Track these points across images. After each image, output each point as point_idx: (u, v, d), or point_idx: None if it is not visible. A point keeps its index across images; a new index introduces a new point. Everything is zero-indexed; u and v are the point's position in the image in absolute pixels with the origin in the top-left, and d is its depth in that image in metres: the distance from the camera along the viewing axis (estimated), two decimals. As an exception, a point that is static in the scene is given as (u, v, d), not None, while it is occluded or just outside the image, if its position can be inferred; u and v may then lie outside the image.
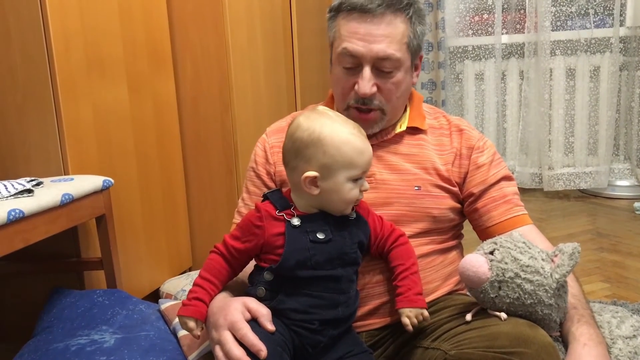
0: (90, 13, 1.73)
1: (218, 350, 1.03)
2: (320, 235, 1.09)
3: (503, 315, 1.08)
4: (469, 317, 1.11)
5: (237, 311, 1.04)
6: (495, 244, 1.12)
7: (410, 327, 1.11)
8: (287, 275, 1.07)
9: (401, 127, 1.33)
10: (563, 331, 1.15)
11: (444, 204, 1.29)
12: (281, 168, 1.33)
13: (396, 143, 1.32)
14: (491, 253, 1.11)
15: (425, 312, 1.13)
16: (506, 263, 1.08)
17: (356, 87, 1.25)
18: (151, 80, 2.06)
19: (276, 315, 1.06)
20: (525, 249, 1.10)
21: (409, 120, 1.34)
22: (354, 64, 1.25)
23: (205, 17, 2.20)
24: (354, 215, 1.15)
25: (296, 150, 1.09)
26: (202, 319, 1.07)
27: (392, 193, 1.26)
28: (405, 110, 1.36)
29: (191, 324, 1.06)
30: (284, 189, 1.18)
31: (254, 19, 2.42)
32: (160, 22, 2.13)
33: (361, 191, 1.11)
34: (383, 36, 1.23)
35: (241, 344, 1.00)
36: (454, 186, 1.30)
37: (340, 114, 1.13)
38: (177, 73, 2.24)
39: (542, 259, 1.10)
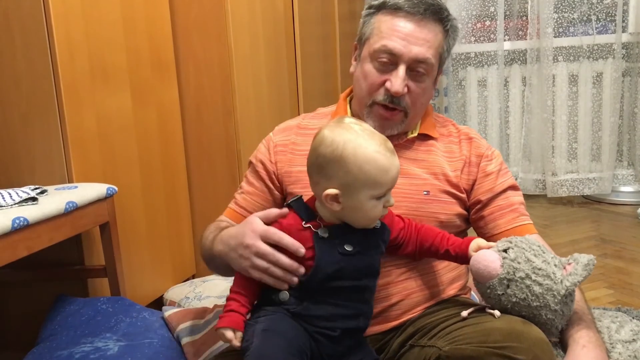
0: (94, 22, 1.74)
1: (260, 262, 1.06)
2: (348, 248, 1.08)
3: (497, 312, 1.09)
4: (464, 313, 1.12)
5: (258, 223, 1.08)
6: (510, 242, 1.12)
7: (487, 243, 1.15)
8: (315, 285, 1.06)
9: (413, 132, 1.34)
10: (563, 335, 1.15)
11: (452, 210, 1.30)
12: (285, 168, 1.35)
13: (407, 148, 1.33)
14: (505, 251, 1.11)
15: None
16: (519, 263, 1.08)
17: (388, 84, 1.26)
18: (155, 88, 2.07)
19: (299, 320, 1.06)
20: (540, 252, 1.11)
21: (420, 127, 1.35)
22: (390, 61, 1.26)
23: (209, 25, 2.21)
24: (379, 224, 1.14)
25: (319, 166, 1.07)
26: (239, 329, 1.05)
27: (400, 197, 1.25)
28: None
29: (229, 334, 1.04)
30: (305, 198, 1.15)
31: (256, 26, 2.43)
32: (164, 30, 2.14)
33: (385, 207, 1.09)
34: (424, 40, 1.25)
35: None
36: (462, 193, 1.31)
37: (367, 127, 1.09)
38: (181, 81, 2.25)
39: (555, 265, 1.10)
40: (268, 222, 1.10)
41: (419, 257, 1.24)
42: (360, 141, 1.04)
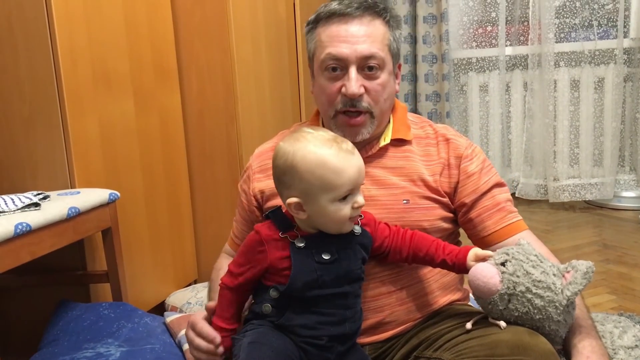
0: (96, 28, 1.75)
1: (190, 347, 1.17)
2: (325, 256, 1.07)
3: (502, 323, 1.08)
4: (469, 325, 1.11)
5: (196, 316, 1.19)
6: (508, 255, 1.10)
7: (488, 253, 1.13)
8: (295, 295, 1.06)
9: (385, 140, 1.31)
10: (565, 343, 1.14)
11: (434, 215, 1.27)
12: (260, 188, 1.35)
13: (381, 157, 1.30)
14: (502, 264, 1.09)
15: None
16: (518, 276, 1.06)
17: (343, 89, 1.24)
18: (157, 93, 2.07)
19: (285, 331, 1.06)
20: (538, 263, 1.09)
21: (392, 132, 1.32)
22: (339, 67, 1.24)
23: (211, 31, 2.22)
24: (359, 231, 1.14)
25: (277, 178, 1.10)
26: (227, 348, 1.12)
27: (381, 209, 1.24)
28: (388, 122, 1.34)
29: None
30: (285, 208, 1.15)
31: (258, 32, 2.44)
32: (166, 36, 2.15)
33: (354, 208, 1.06)
34: (365, 36, 1.24)
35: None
36: (443, 197, 1.28)
37: (321, 132, 1.09)
38: (183, 87, 2.26)
39: (554, 274, 1.08)
40: (209, 314, 1.17)
41: (412, 264, 1.22)
42: (310, 147, 1.05)
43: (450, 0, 3.61)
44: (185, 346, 1.59)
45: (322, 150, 1.04)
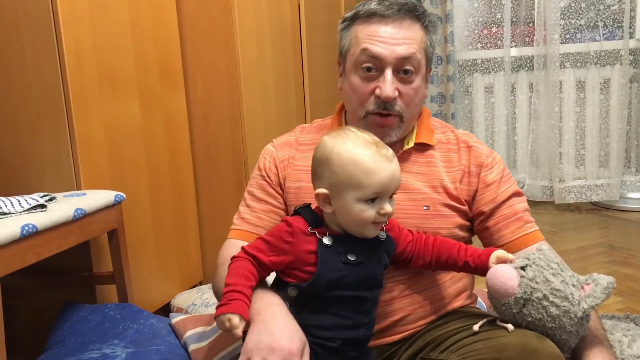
0: (102, 30, 1.76)
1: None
2: (351, 257, 1.07)
3: (510, 326, 1.07)
4: (476, 327, 1.10)
5: (298, 342, 0.98)
6: (529, 259, 1.09)
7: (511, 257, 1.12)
8: (315, 293, 1.05)
9: (409, 144, 1.31)
10: (576, 353, 1.13)
11: (452, 223, 1.27)
12: (290, 184, 1.33)
13: (404, 161, 1.29)
14: (523, 268, 1.08)
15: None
16: (537, 282, 1.05)
17: (377, 91, 1.22)
18: (162, 96, 2.08)
19: None
20: (558, 271, 1.07)
21: (416, 136, 1.32)
22: (375, 66, 1.23)
23: (216, 33, 2.22)
24: (384, 236, 1.13)
25: (313, 168, 1.10)
26: (246, 317, 0.98)
27: (400, 213, 1.23)
28: (413, 125, 1.34)
29: (235, 319, 0.96)
30: (314, 205, 1.13)
31: (263, 34, 2.45)
32: (171, 38, 2.15)
33: (380, 214, 1.05)
34: (404, 39, 1.23)
35: None
36: (463, 204, 1.28)
37: (365, 135, 1.08)
38: (188, 89, 2.26)
39: (573, 285, 1.07)
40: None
41: (435, 269, 1.22)
42: (349, 144, 1.05)
43: (455, 1, 3.61)
44: (191, 347, 1.60)
45: (360, 149, 1.04)
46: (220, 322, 0.98)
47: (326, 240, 1.07)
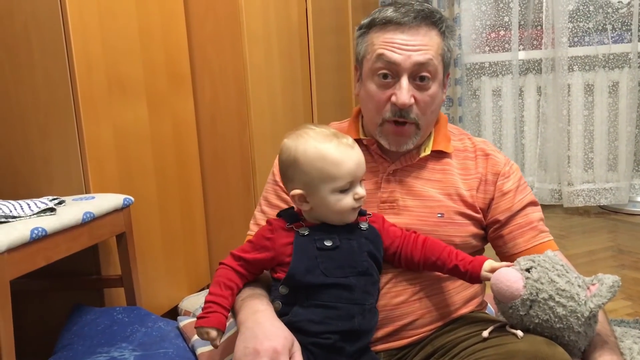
0: (111, 34, 1.77)
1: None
2: (327, 243, 1.10)
3: (519, 333, 1.07)
4: (485, 333, 1.10)
5: (283, 340, 1.01)
6: (533, 261, 1.09)
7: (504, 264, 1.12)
8: (300, 285, 1.08)
9: (425, 151, 1.30)
10: (586, 358, 1.12)
11: (467, 232, 1.27)
12: None
13: (420, 168, 1.29)
14: (527, 270, 1.08)
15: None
16: (542, 283, 1.05)
17: (393, 98, 1.22)
18: (170, 99, 2.09)
19: (294, 332, 1.06)
20: (563, 272, 1.08)
21: (433, 143, 1.31)
22: (390, 73, 1.23)
23: (224, 37, 2.23)
24: (366, 226, 1.16)
25: (282, 172, 1.15)
26: (223, 329, 1.07)
27: (414, 219, 1.23)
28: (429, 133, 1.33)
29: (213, 333, 1.06)
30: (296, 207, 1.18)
31: (271, 38, 2.45)
32: (180, 42, 2.16)
33: (355, 199, 1.10)
34: (421, 45, 1.23)
35: None
36: (478, 213, 1.28)
37: (323, 129, 1.13)
38: (196, 92, 2.27)
39: (579, 285, 1.07)
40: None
41: (423, 270, 1.21)
42: (311, 141, 1.10)
43: (462, 4, 3.60)
44: (199, 350, 1.60)
45: (323, 144, 1.10)
46: (199, 334, 1.08)
47: (302, 231, 1.12)
